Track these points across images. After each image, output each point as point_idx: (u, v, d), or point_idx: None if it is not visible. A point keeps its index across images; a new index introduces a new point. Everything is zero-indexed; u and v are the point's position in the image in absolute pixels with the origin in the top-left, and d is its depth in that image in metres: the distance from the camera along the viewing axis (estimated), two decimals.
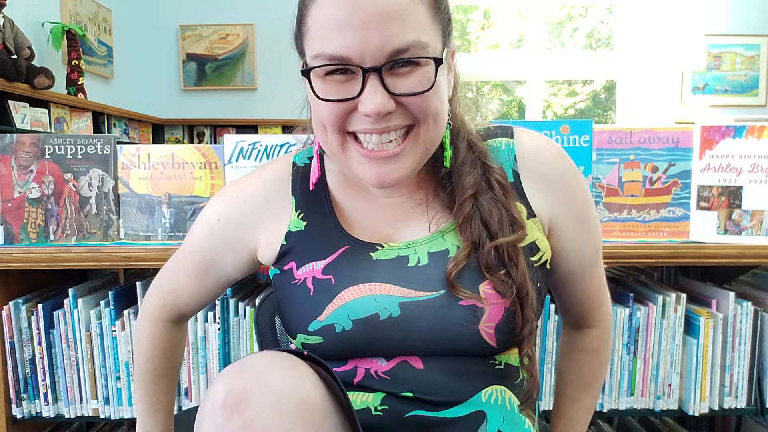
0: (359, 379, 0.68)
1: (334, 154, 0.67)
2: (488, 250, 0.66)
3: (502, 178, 0.70)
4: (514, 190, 0.71)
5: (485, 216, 0.67)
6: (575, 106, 4.81)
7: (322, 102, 0.62)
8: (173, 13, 3.96)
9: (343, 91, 0.61)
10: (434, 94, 0.62)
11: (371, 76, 0.59)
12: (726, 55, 3.90)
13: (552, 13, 4.33)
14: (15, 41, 2.58)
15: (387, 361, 0.67)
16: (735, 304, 1.14)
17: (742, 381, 1.15)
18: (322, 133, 0.66)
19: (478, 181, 0.69)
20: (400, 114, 0.62)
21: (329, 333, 0.67)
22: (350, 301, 0.67)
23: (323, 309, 0.67)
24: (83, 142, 1.21)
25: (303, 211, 0.74)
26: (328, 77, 0.62)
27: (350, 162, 0.66)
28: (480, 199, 0.68)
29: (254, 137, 1.21)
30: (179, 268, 0.81)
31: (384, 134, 0.63)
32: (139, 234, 1.22)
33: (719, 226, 1.19)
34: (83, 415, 1.19)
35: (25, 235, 1.20)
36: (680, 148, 1.18)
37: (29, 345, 1.18)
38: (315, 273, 0.69)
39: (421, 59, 0.60)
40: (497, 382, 0.69)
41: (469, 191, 0.68)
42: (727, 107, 3.92)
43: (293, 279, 0.71)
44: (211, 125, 4.05)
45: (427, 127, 0.64)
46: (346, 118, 0.63)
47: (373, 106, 0.60)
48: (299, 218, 0.74)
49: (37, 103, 2.71)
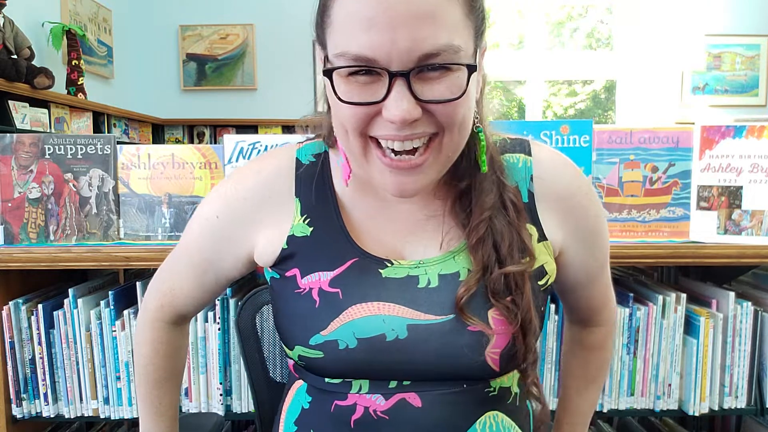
0: (357, 417, 0.66)
1: (355, 158, 0.64)
2: (497, 276, 0.64)
3: (517, 199, 0.68)
4: (527, 210, 0.69)
5: (497, 239, 0.65)
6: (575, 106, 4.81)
7: (343, 104, 0.58)
8: (173, 13, 3.96)
9: (367, 94, 0.57)
10: (464, 102, 0.58)
11: (398, 81, 0.55)
12: (726, 55, 3.90)
13: (552, 13, 4.33)
14: (15, 41, 2.58)
15: (385, 400, 0.65)
16: (735, 304, 1.14)
17: (742, 381, 1.15)
18: (344, 136, 0.62)
19: (496, 201, 0.67)
20: (426, 121, 0.58)
21: (331, 349, 0.65)
22: (357, 319, 0.65)
23: (328, 324, 0.65)
24: (83, 142, 1.21)
25: (309, 215, 0.70)
26: (351, 77, 0.57)
27: (371, 169, 0.62)
28: (494, 220, 0.66)
29: (254, 137, 1.21)
30: (176, 268, 0.78)
31: (407, 141, 0.59)
32: (139, 234, 1.22)
33: (719, 226, 1.19)
34: (83, 415, 1.19)
35: (25, 235, 1.20)
36: (680, 148, 1.18)
37: (29, 345, 1.18)
38: (321, 284, 0.67)
39: (453, 65, 0.56)
40: (491, 408, 0.68)
41: (486, 212, 0.66)
42: (727, 107, 3.92)
43: (297, 287, 0.68)
44: (211, 125, 4.05)
45: (452, 136, 0.60)
46: (369, 123, 0.59)
47: (398, 113, 0.55)
48: (305, 223, 0.70)
49: (37, 103, 2.71)
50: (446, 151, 0.61)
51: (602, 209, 0.77)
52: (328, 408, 0.68)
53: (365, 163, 0.62)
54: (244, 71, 4.01)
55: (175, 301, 0.79)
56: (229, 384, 1.20)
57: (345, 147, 0.64)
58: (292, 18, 3.84)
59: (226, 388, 1.20)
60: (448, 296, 0.65)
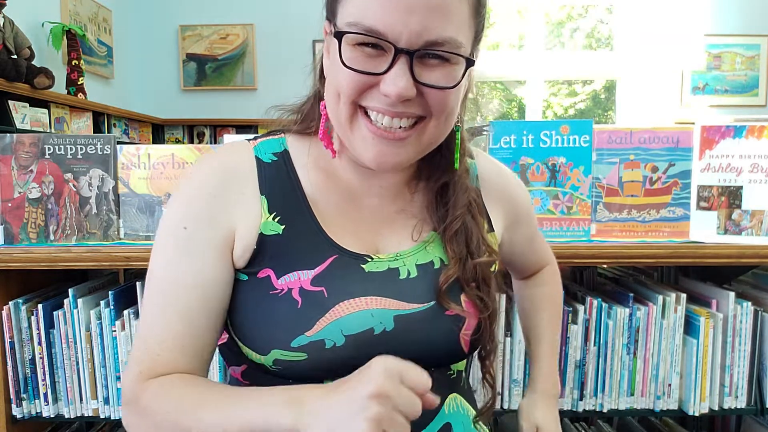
0: None
1: (340, 125, 0.65)
2: (470, 267, 0.69)
3: (479, 199, 0.76)
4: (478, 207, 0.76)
5: (468, 234, 0.71)
6: (575, 106, 4.81)
7: (344, 69, 0.61)
8: (173, 13, 3.96)
9: (370, 65, 0.60)
10: (455, 92, 0.63)
11: (401, 58, 0.59)
12: (726, 55, 3.90)
13: (552, 13, 4.33)
14: (15, 41, 2.58)
15: None
16: (735, 304, 1.14)
17: (742, 381, 1.15)
18: (335, 101, 0.64)
19: (467, 201, 0.73)
20: (417, 103, 0.62)
21: (316, 349, 0.62)
22: (345, 316, 0.64)
23: (313, 323, 0.63)
24: (83, 142, 1.21)
25: (278, 213, 0.67)
26: (357, 47, 0.61)
27: (354, 136, 0.65)
28: (465, 219, 0.72)
29: None
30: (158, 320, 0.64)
31: (396, 118, 0.62)
32: (139, 234, 1.22)
33: (719, 226, 1.19)
34: (83, 415, 1.19)
35: (25, 235, 1.20)
36: (680, 148, 1.18)
37: (29, 345, 1.18)
38: (302, 284, 0.64)
39: (452, 57, 0.61)
40: (452, 391, 0.72)
41: (461, 209, 0.72)
42: (727, 107, 3.92)
43: (272, 288, 0.65)
44: (211, 125, 4.05)
45: (438, 122, 0.64)
46: (364, 92, 0.62)
47: (396, 88, 0.59)
48: (275, 221, 0.67)
49: (37, 103, 2.71)
50: (429, 136, 0.65)
51: (527, 194, 0.90)
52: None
53: (349, 131, 0.65)
54: (244, 71, 4.01)
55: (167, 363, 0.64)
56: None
57: (332, 114, 0.66)
58: (292, 18, 3.85)
59: None
60: (427, 284, 0.68)
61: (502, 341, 1.14)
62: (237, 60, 4.01)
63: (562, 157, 1.18)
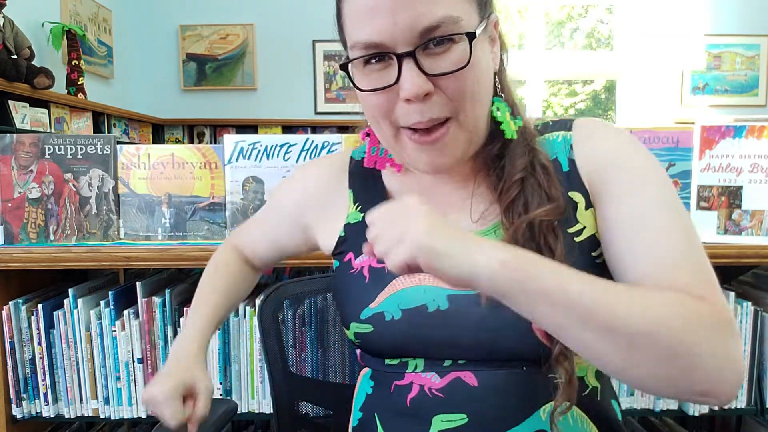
0: (413, 395, 0.66)
1: (388, 145, 0.68)
2: (522, 229, 0.62)
3: (547, 162, 0.67)
4: (571, 178, 0.67)
5: (528, 199, 0.65)
6: (575, 106, 4.81)
7: (365, 93, 0.63)
8: (173, 13, 3.96)
9: (383, 79, 0.61)
10: (470, 71, 0.60)
11: (406, 60, 0.59)
12: (726, 55, 3.90)
13: (552, 13, 4.33)
14: (15, 41, 2.58)
15: (440, 378, 0.65)
16: (735, 304, 1.14)
17: (743, 381, 1.15)
18: (375, 125, 0.66)
19: (527, 165, 0.67)
20: (439, 99, 0.61)
21: (379, 321, 0.67)
22: (400, 290, 0.67)
23: (375, 296, 0.68)
24: (83, 142, 1.21)
25: (361, 203, 0.76)
26: (366, 67, 0.62)
27: (403, 151, 0.66)
28: (525, 182, 0.66)
29: (254, 137, 1.21)
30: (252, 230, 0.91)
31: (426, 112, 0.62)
32: (139, 234, 1.22)
33: (719, 226, 1.19)
34: (83, 415, 1.19)
35: (25, 235, 1.20)
36: (680, 148, 1.18)
37: (29, 345, 1.18)
38: (371, 262, 0.70)
39: (454, 35, 0.59)
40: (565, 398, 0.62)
41: (518, 175, 0.66)
42: (727, 107, 3.91)
43: (351, 268, 0.72)
44: (211, 125, 4.04)
45: (466, 111, 0.62)
46: (393, 109, 0.62)
47: (411, 88, 0.59)
48: (357, 210, 0.76)
49: (37, 103, 2.71)
50: (466, 126, 0.63)
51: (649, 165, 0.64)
52: (388, 389, 0.69)
53: (397, 147, 0.66)
54: (244, 71, 4.01)
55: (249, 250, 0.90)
56: (229, 384, 1.20)
57: (379, 136, 0.68)
58: (292, 18, 3.84)
59: (226, 387, 1.20)
60: None
61: None
62: (237, 60, 4.00)
63: None
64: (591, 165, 0.66)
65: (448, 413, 0.64)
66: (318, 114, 3.96)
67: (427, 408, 0.65)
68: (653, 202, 0.61)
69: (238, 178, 1.21)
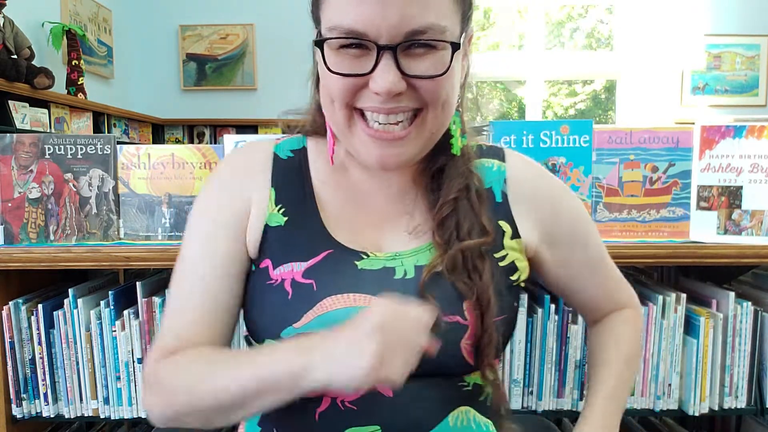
0: (323, 409, 0.64)
1: (339, 130, 0.65)
2: (455, 252, 0.65)
3: (482, 188, 0.71)
4: (501, 209, 0.72)
5: (460, 220, 0.67)
6: (575, 106, 4.81)
7: (332, 75, 0.61)
8: (173, 13, 3.96)
9: (356, 66, 0.60)
10: (447, 79, 0.61)
11: (385, 54, 0.58)
12: (726, 55, 3.90)
13: (552, 13, 4.33)
14: (15, 41, 2.58)
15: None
16: (735, 304, 1.14)
17: (742, 381, 1.15)
18: (330, 108, 0.64)
19: (462, 186, 0.69)
20: (410, 96, 0.61)
21: None
22: (332, 311, 0.63)
23: (301, 316, 0.63)
24: (83, 142, 1.21)
25: (284, 206, 0.70)
26: (341, 50, 0.60)
27: (354, 141, 0.64)
28: (459, 203, 0.68)
29: (254, 137, 1.21)
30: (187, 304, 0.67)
31: (391, 115, 0.61)
32: (139, 234, 1.22)
33: (719, 226, 1.19)
34: (83, 415, 1.19)
35: (25, 235, 1.20)
36: (680, 148, 1.18)
37: (29, 345, 1.18)
38: (294, 275, 0.65)
39: (438, 43, 0.59)
40: (464, 403, 0.67)
41: (452, 194, 0.68)
42: (727, 107, 3.92)
43: (268, 279, 0.66)
44: (211, 125, 4.05)
45: (435, 113, 0.62)
46: (356, 94, 0.61)
47: (384, 84, 0.58)
48: (279, 212, 0.69)
49: (37, 103, 2.71)
50: (430, 127, 0.64)
51: (582, 211, 0.78)
52: (293, 402, 0.62)
53: (349, 135, 0.64)
54: (244, 71, 4.01)
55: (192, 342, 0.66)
56: None
57: (330, 120, 0.66)
58: (292, 18, 3.84)
59: None
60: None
61: None
62: (237, 60, 4.01)
63: (562, 157, 1.18)
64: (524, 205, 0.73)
65: (361, 426, 0.63)
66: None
67: (338, 421, 0.63)
68: (593, 243, 0.78)
69: None
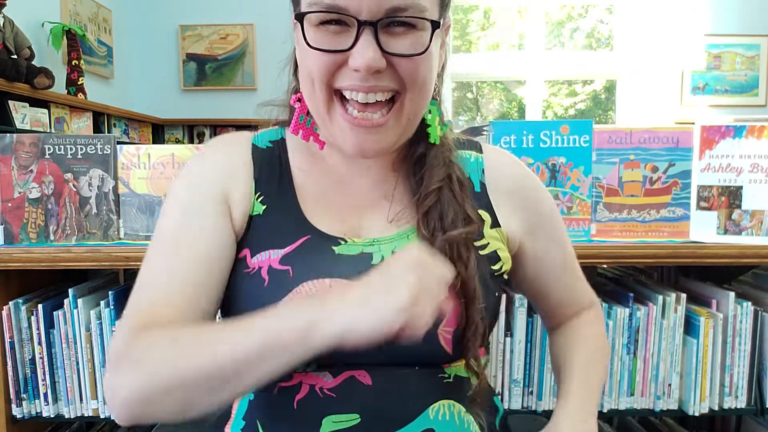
0: (302, 396, 0.63)
1: (318, 114, 0.65)
2: (441, 243, 0.65)
3: (463, 177, 0.71)
4: (480, 198, 0.72)
5: (444, 210, 0.67)
6: (575, 106, 4.81)
7: (312, 51, 0.60)
8: (173, 13, 3.96)
9: (336, 43, 0.60)
10: (425, 59, 0.61)
11: (366, 30, 0.58)
12: (726, 55, 3.90)
13: (552, 13, 4.33)
14: (15, 41, 2.58)
15: (333, 377, 0.63)
16: (735, 304, 1.14)
17: (742, 381, 1.15)
18: (310, 88, 0.63)
19: (444, 175, 0.69)
20: (389, 76, 0.61)
21: None
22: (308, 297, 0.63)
23: (277, 302, 0.61)
24: (83, 142, 1.21)
25: (263, 194, 0.69)
26: (321, 27, 0.60)
27: (333, 128, 0.64)
28: (442, 193, 0.68)
29: None
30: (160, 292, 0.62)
31: (370, 94, 0.61)
32: (139, 234, 1.22)
33: (719, 226, 1.19)
34: (83, 415, 1.19)
35: (25, 235, 1.20)
36: (680, 148, 1.18)
37: (29, 345, 1.18)
38: (271, 262, 0.65)
39: (417, 22, 0.60)
40: (445, 397, 0.66)
41: (435, 185, 0.68)
42: (727, 107, 3.92)
43: (246, 267, 0.66)
44: (211, 125, 4.05)
45: (413, 95, 0.62)
46: (335, 73, 0.61)
47: (363, 60, 0.58)
48: (258, 201, 0.69)
49: (37, 103, 2.71)
50: (407, 112, 0.63)
51: (556, 209, 0.80)
52: (271, 392, 0.64)
53: (328, 120, 0.64)
54: (244, 71, 4.01)
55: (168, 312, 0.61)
56: None
57: (310, 102, 0.65)
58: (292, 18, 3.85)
59: None
60: None
61: (502, 341, 1.14)
62: (237, 60, 4.01)
63: (562, 157, 1.18)
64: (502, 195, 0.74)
65: (341, 413, 0.62)
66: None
67: (316, 409, 0.63)
68: (568, 242, 0.80)
69: None
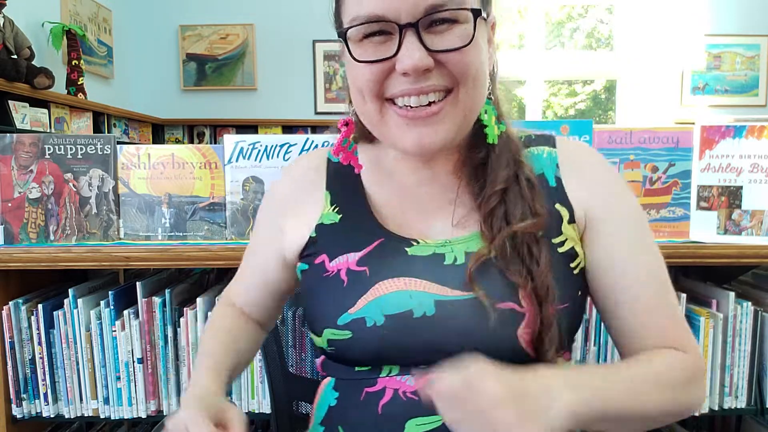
0: (386, 400, 0.64)
1: (372, 124, 0.66)
2: (503, 238, 0.63)
3: (532, 175, 0.68)
4: (556, 193, 0.69)
5: (509, 209, 0.65)
6: (575, 106, 4.81)
7: (359, 65, 0.61)
8: (173, 13, 3.96)
9: (381, 52, 0.60)
10: (473, 50, 0.61)
11: (408, 32, 0.58)
12: (726, 55, 3.90)
13: (552, 13, 4.33)
14: (15, 41, 2.58)
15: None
16: (735, 304, 1.14)
17: (742, 381, 1.15)
18: (361, 102, 0.65)
19: (510, 176, 0.67)
20: (439, 74, 0.61)
21: (359, 327, 0.64)
22: (384, 295, 0.64)
23: (356, 301, 0.64)
24: (83, 142, 1.21)
25: (338, 205, 0.73)
26: (365, 41, 0.61)
27: (389, 129, 0.64)
28: (507, 193, 0.66)
29: (254, 137, 1.21)
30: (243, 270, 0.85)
31: (422, 96, 0.61)
32: (139, 234, 1.22)
33: (719, 226, 1.19)
34: (83, 415, 1.19)
35: (25, 235, 1.20)
36: (680, 148, 1.18)
37: (29, 345, 1.18)
38: (349, 264, 0.67)
39: (458, 15, 0.59)
40: None
41: (499, 185, 0.66)
42: (727, 107, 3.92)
43: (325, 271, 0.69)
44: (211, 125, 4.04)
45: (467, 88, 0.62)
46: (383, 82, 0.62)
47: (410, 61, 0.58)
48: (334, 211, 0.73)
49: (37, 103, 2.71)
50: (463, 105, 0.63)
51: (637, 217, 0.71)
52: (357, 398, 0.66)
53: (382, 125, 0.65)
54: (244, 71, 4.01)
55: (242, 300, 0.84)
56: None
57: (362, 115, 0.67)
58: (292, 18, 3.84)
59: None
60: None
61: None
62: (237, 60, 4.00)
63: None
64: (577, 181, 0.70)
65: (423, 416, 0.62)
66: (318, 114, 3.96)
67: (400, 412, 0.63)
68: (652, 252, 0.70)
69: (238, 178, 1.21)
